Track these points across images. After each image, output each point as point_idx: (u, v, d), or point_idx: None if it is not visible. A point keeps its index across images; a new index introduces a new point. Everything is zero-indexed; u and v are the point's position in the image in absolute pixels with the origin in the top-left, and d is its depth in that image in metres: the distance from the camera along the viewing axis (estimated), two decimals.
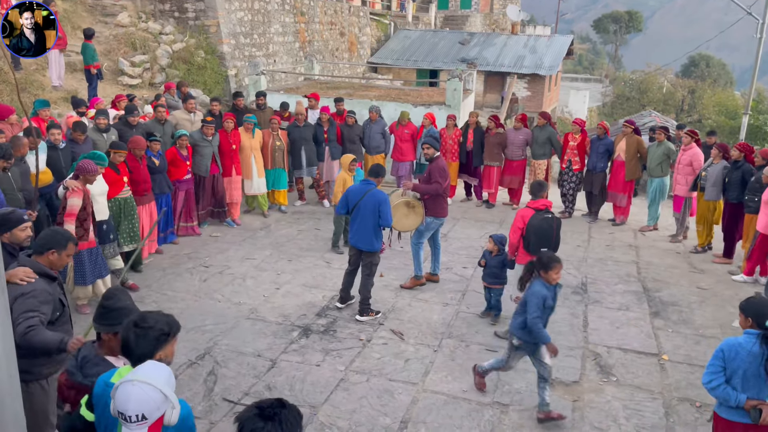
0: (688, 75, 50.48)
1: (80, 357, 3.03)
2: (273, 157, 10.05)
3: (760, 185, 7.83)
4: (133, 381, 2.61)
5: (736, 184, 8.38)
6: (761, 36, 17.92)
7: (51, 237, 3.90)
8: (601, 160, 10.20)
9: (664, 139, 9.79)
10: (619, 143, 10.11)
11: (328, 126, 10.64)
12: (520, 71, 26.26)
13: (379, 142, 11.05)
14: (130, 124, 8.72)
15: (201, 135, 9.00)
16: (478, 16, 36.05)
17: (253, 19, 17.27)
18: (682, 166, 9.32)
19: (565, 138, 10.58)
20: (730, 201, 8.51)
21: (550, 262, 4.79)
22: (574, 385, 5.56)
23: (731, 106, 32.07)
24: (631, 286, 7.87)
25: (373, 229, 6.46)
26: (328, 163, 10.81)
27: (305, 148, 10.39)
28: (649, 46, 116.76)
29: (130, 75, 13.97)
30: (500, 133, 10.81)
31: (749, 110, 19.47)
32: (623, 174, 10.06)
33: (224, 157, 9.37)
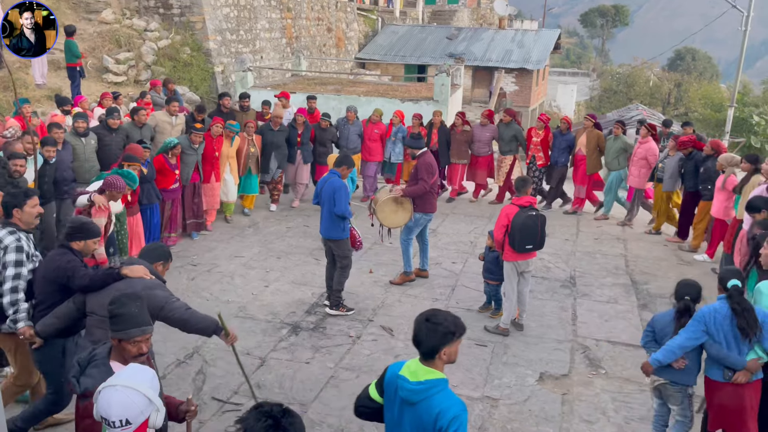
0: (674, 68, 50.75)
1: (93, 352, 3.02)
2: (246, 163, 9.63)
3: (711, 174, 8.29)
4: (115, 385, 2.57)
5: (690, 174, 8.85)
6: (746, 29, 18.04)
7: (161, 250, 4.23)
8: (562, 155, 10.44)
9: (621, 134, 10.02)
10: (580, 138, 10.30)
11: (302, 129, 10.28)
12: (508, 66, 26.30)
13: (356, 143, 10.71)
14: (111, 127, 8.37)
15: (188, 143, 8.52)
16: (465, 11, 36.03)
17: (239, 15, 17.16)
18: (637, 159, 9.62)
19: (528, 133, 10.75)
20: (688, 190, 8.98)
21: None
22: (563, 378, 5.58)
23: (717, 98, 32.29)
24: (619, 279, 7.91)
25: (329, 216, 6.49)
26: (300, 166, 10.45)
27: (276, 153, 9.98)
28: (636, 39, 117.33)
29: (115, 72, 13.85)
30: (467, 131, 10.80)
31: (735, 103, 19.62)
32: (584, 168, 10.30)
33: (205, 163, 8.93)
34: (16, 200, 4.30)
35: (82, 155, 7.91)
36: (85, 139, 7.99)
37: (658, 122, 13.73)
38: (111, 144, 8.29)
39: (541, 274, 7.90)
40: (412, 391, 2.77)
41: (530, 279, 6.51)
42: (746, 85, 32.06)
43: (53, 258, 4.14)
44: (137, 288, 3.68)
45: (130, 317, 2.94)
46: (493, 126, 10.89)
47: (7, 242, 4.20)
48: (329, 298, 6.86)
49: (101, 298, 3.69)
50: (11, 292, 4.19)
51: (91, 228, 4.30)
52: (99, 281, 3.84)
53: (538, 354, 5.99)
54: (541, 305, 7.00)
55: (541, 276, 7.84)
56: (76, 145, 7.85)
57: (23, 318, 4.22)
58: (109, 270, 3.88)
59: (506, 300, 6.36)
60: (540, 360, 5.88)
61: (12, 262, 4.19)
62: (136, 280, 3.77)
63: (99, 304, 3.71)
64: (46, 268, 4.16)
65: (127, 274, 3.78)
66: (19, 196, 4.34)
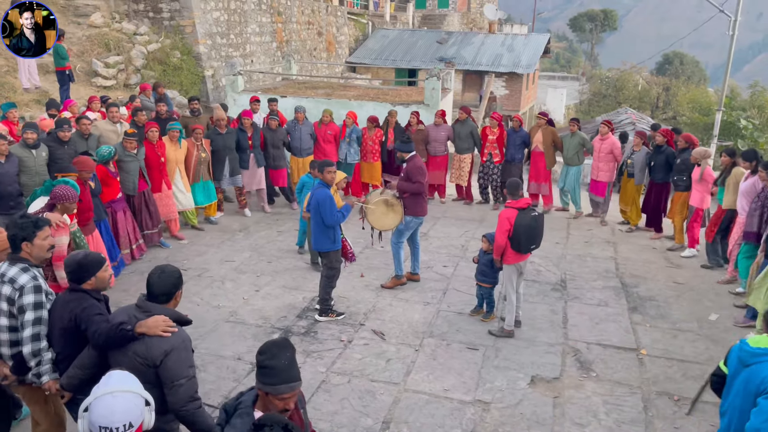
0: (662, 72, 51.16)
1: (240, 399, 2.81)
2: (197, 169, 9.16)
3: (686, 166, 8.79)
4: (113, 392, 2.55)
5: (661, 167, 9.33)
6: (734, 33, 18.21)
7: (175, 279, 3.47)
8: (518, 151, 10.69)
9: (577, 130, 10.44)
10: (535, 135, 10.59)
11: (252, 131, 9.91)
12: (498, 70, 26.41)
13: (308, 143, 10.46)
14: (61, 139, 7.76)
15: (123, 149, 7.97)
16: (455, 16, 36.18)
17: (229, 19, 17.13)
18: (604, 155, 10.02)
19: (483, 132, 10.94)
20: (656, 182, 9.47)
21: None
22: (554, 382, 5.59)
23: (705, 102, 32.57)
24: (609, 281, 7.95)
25: (319, 228, 6.46)
26: (253, 170, 10.10)
27: (229, 157, 9.61)
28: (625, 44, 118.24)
29: (104, 76, 13.78)
30: (421, 130, 10.83)
31: (722, 107, 19.78)
32: (543, 164, 10.59)
33: (152, 170, 8.41)
34: (25, 232, 3.76)
35: (32, 168, 7.37)
36: (36, 151, 7.43)
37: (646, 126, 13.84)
38: (63, 157, 7.75)
39: (531, 277, 7.92)
40: (749, 353, 3.31)
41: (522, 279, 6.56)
42: (734, 89, 32.30)
43: (67, 304, 3.65)
44: (156, 354, 3.22)
45: (279, 371, 2.69)
46: (447, 125, 10.97)
47: (23, 282, 3.66)
48: (319, 304, 6.84)
49: (121, 359, 3.31)
50: (32, 341, 3.65)
51: (91, 260, 3.70)
52: (116, 342, 3.33)
53: (530, 357, 6.00)
54: (531, 308, 7.02)
55: (531, 279, 7.86)
56: (25, 158, 7.30)
57: (47, 371, 3.71)
58: (123, 328, 3.29)
59: (508, 303, 6.39)
60: (531, 363, 5.89)
61: (30, 305, 3.64)
62: (157, 343, 3.23)
63: (117, 363, 3.30)
64: (60, 318, 3.66)
65: (145, 333, 3.24)
66: (28, 227, 3.78)
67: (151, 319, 3.27)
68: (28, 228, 3.78)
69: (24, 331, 3.64)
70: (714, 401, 5.30)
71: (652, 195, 9.69)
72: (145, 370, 3.20)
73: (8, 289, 3.66)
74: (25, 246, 3.76)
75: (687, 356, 6.08)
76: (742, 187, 7.64)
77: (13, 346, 3.75)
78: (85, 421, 2.55)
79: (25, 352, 3.65)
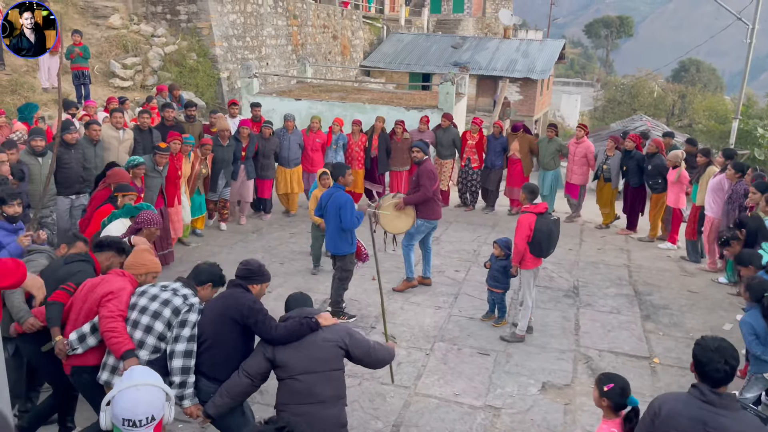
0: (678, 80, 50.84)
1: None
2: (196, 183, 8.73)
3: (658, 170, 9.35)
4: (136, 385, 2.59)
5: (633, 171, 9.77)
6: (751, 41, 18.07)
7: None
8: (498, 158, 10.90)
9: (555, 136, 10.71)
10: (512, 143, 10.84)
11: (247, 142, 9.44)
12: (512, 75, 26.36)
13: (297, 153, 10.07)
14: (68, 143, 7.36)
15: (152, 164, 7.54)
16: (470, 20, 36.17)
17: (245, 22, 17.26)
18: (578, 158, 10.43)
19: (463, 137, 11.02)
20: (631, 186, 9.90)
21: None
22: (565, 388, 5.57)
23: (721, 110, 32.24)
24: (622, 289, 7.90)
25: (336, 232, 6.47)
26: (243, 182, 9.59)
27: (224, 170, 9.17)
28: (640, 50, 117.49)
29: (121, 77, 13.93)
30: (406, 138, 10.73)
31: (739, 115, 19.61)
32: (519, 170, 10.85)
33: (169, 185, 7.99)
34: (215, 280, 4.19)
35: (38, 177, 6.94)
36: (42, 159, 7.04)
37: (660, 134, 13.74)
38: (70, 163, 7.36)
39: (544, 283, 7.89)
40: None
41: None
42: (751, 98, 31.99)
43: (233, 295, 3.89)
44: (342, 336, 3.73)
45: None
46: (430, 132, 10.93)
47: (193, 301, 3.89)
48: (330, 306, 6.86)
49: (300, 354, 3.63)
50: (185, 356, 3.75)
51: (266, 271, 4.10)
52: (296, 333, 3.64)
53: (541, 363, 5.97)
54: (544, 315, 6.99)
55: (544, 286, 7.83)
56: (31, 166, 6.94)
57: (190, 395, 3.79)
58: (304, 320, 3.69)
59: (524, 308, 6.40)
60: (543, 369, 5.87)
61: (193, 323, 3.81)
62: (335, 328, 3.77)
63: (298, 359, 3.62)
64: (224, 306, 3.86)
65: (324, 324, 3.73)
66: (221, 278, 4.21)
67: (323, 314, 3.82)
68: (219, 279, 4.15)
69: (178, 344, 3.75)
70: None
71: (628, 198, 10.12)
72: (339, 352, 3.70)
73: (179, 301, 3.85)
74: (208, 288, 4.14)
75: None
76: (710, 183, 8.26)
77: (152, 353, 3.82)
78: (108, 414, 2.60)
79: (175, 366, 3.73)
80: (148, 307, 3.84)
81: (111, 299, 3.80)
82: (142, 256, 4.30)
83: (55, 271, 4.29)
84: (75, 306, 4.00)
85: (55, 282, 4.12)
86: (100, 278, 4.06)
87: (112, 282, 3.94)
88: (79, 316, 3.95)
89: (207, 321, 3.84)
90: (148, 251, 4.38)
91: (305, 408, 3.59)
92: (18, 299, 4.19)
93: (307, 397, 3.58)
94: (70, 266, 4.30)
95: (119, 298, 3.83)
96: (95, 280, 4.04)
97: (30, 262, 4.45)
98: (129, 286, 3.96)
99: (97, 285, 3.96)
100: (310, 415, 3.56)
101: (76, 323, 3.94)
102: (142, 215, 5.28)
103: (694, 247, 9.00)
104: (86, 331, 3.86)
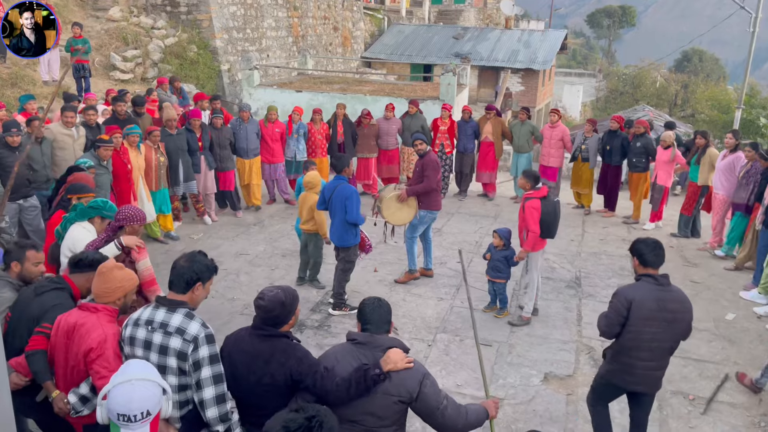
0: (681, 70, 50.57)
1: None
2: (158, 175, 8.30)
3: (645, 149, 9.74)
4: (130, 380, 2.59)
5: (617, 151, 10.04)
6: (754, 30, 17.95)
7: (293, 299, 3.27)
8: (470, 141, 11.01)
9: (527, 119, 10.96)
10: (484, 126, 10.98)
11: (200, 132, 9.09)
12: (514, 66, 26.26)
13: (255, 143, 9.84)
14: (10, 145, 6.84)
15: (97, 159, 7.01)
16: (471, 11, 35.98)
17: (245, 14, 17.19)
18: (554, 141, 10.62)
19: (434, 123, 11.01)
20: (613, 165, 10.19)
21: None
22: (568, 379, 5.57)
23: (724, 100, 32.12)
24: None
25: (341, 224, 6.46)
26: (206, 174, 9.31)
27: (182, 160, 8.70)
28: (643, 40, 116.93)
29: (122, 70, 13.90)
30: (373, 125, 10.77)
31: (742, 104, 19.51)
32: (492, 154, 11.02)
33: (120, 181, 7.54)
34: (205, 273, 3.42)
35: None
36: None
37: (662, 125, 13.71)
38: (13, 165, 6.37)
39: (546, 274, 7.88)
40: None
41: None
42: (754, 87, 31.82)
43: (276, 358, 3.06)
44: (410, 388, 2.98)
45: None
46: (397, 119, 10.91)
47: (194, 332, 3.10)
48: (333, 298, 6.87)
49: (350, 405, 2.96)
50: (217, 403, 3.03)
51: (292, 296, 3.29)
52: (363, 389, 2.93)
53: (543, 354, 5.98)
54: (546, 306, 6.99)
55: (546, 276, 7.82)
56: None
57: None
58: (366, 370, 2.95)
59: (530, 289, 6.49)
60: (545, 360, 5.87)
61: (206, 358, 3.06)
62: (404, 376, 2.99)
63: (344, 410, 2.93)
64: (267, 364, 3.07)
65: (392, 369, 2.97)
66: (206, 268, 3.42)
67: (391, 353, 3.02)
68: (207, 270, 3.35)
69: (204, 391, 3.02)
70: (730, 401, 5.26)
71: (607, 177, 10.40)
72: (398, 408, 3.00)
73: (178, 342, 3.07)
74: (198, 287, 3.32)
75: (703, 356, 6.03)
76: (721, 165, 8.53)
77: (182, 407, 3.18)
78: (104, 409, 2.59)
79: (210, 417, 3.03)
80: (149, 360, 3.11)
81: (95, 359, 3.20)
82: (111, 277, 3.45)
83: (26, 308, 3.65)
84: (57, 356, 3.39)
85: (28, 322, 3.58)
86: (72, 320, 3.34)
87: (88, 330, 3.26)
88: (66, 370, 3.38)
89: (251, 387, 3.12)
90: (117, 268, 3.53)
91: None
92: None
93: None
94: (42, 299, 3.63)
95: (104, 356, 3.19)
96: (67, 324, 3.35)
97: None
98: (109, 331, 3.28)
99: (72, 331, 3.31)
100: None
101: (66, 379, 3.39)
102: (123, 211, 4.57)
103: (686, 223, 9.49)
104: (86, 393, 3.33)
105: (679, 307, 4.05)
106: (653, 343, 4.02)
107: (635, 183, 10.05)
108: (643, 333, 4.00)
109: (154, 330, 3.11)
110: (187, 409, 3.16)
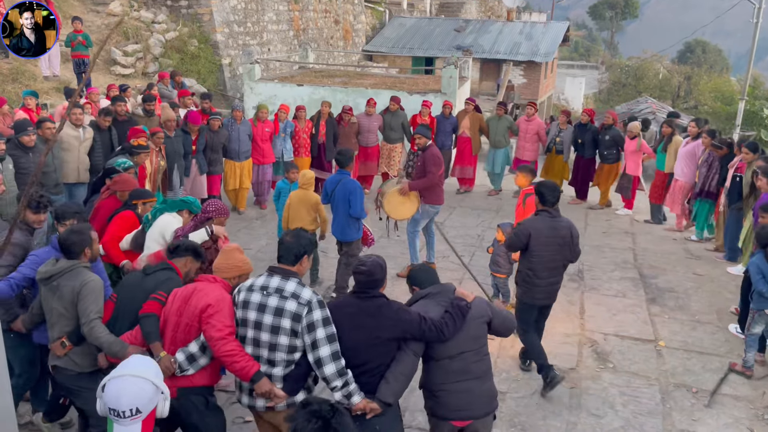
0: (684, 61, 50.31)
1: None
2: (155, 180, 7.80)
3: (614, 141, 10.03)
4: (123, 375, 2.57)
5: (589, 143, 10.29)
6: (758, 21, 17.85)
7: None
8: (448, 138, 10.95)
9: (504, 114, 11.08)
10: (462, 121, 10.96)
11: (197, 134, 8.79)
12: (516, 58, 26.15)
13: (247, 145, 9.37)
14: (25, 146, 6.74)
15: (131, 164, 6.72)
16: (473, 3, 35.81)
17: (246, 8, 17.14)
18: (530, 135, 10.79)
19: (413, 119, 10.92)
20: (585, 157, 10.44)
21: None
22: (571, 372, 5.56)
23: (727, 91, 31.98)
24: (627, 272, 7.87)
25: (344, 218, 6.44)
26: (196, 178, 8.96)
27: (177, 164, 8.37)
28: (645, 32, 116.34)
29: (122, 64, 13.88)
30: (353, 123, 10.59)
31: (745, 96, 19.43)
32: (469, 149, 11.02)
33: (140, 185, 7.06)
34: (308, 248, 3.61)
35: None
36: (2, 163, 6.44)
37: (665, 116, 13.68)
38: (30, 167, 6.65)
39: None
40: None
41: None
42: (757, 78, 31.73)
43: (381, 312, 3.46)
44: (485, 310, 3.70)
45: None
46: (378, 115, 10.79)
47: (308, 297, 3.40)
48: (336, 292, 6.86)
49: (457, 336, 3.54)
50: (333, 359, 3.33)
51: (383, 265, 3.68)
52: (461, 320, 3.54)
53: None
54: None
55: None
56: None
57: (356, 390, 3.39)
58: (460, 308, 3.54)
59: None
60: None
61: (320, 320, 3.36)
62: (477, 303, 3.70)
63: (455, 341, 3.55)
64: (377, 326, 3.43)
65: (469, 300, 3.66)
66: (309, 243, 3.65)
67: (461, 290, 3.73)
68: (311, 244, 3.62)
69: (320, 350, 3.31)
70: (733, 394, 5.25)
71: (579, 169, 10.63)
72: (484, 327, 3.71)
73: (293, 305, 3.36)
74: (305, 260, 3.57)
75: (706, 348, 6.02)
76: (682, 151, 8.90)
77: (287, 366, 3.45)
78: (102, 401, 2.59)
79: (329, 373, 3.31)
80: (262, 321, 3.39)
81: (213, 314, 3.40)
82: (233, 256, 3.81)
83: (137, 287, 3.85)
84: (170, 320, 3.58)
85: (143, 293, 3.76)
86: (191, 287, 3.62)
87: (207, 292, 3.51)
88: (177, 332, 3.56)
89: (358, 345, 3.45)
90: (238, 250, 3.89)
91: (465, 385, 3.60)
92: (104, 332, 3.67)
93: (464, 374, 3.60)
94: (155, 275, 3.88)
95: (221, 312, 3.42)
96: (186, 290, 3.62)
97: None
98: (227, 294, 3.55)
99: (190, 296, 3.55)
100: (469, 391, 3.59)
101: (175, 340, 3.56)
102: (212, 205, 4.97)
103: (658, 210, 9.82)
104: (195, 351, 3.50)
105: (567, 233, 5.07)
106: (551, 263, 5.07)
107: (606, 174, 10.33)
108: (543, 255, 5.04)
109: (270, 294, 3.42)
110: (290, 369, 3.46)
